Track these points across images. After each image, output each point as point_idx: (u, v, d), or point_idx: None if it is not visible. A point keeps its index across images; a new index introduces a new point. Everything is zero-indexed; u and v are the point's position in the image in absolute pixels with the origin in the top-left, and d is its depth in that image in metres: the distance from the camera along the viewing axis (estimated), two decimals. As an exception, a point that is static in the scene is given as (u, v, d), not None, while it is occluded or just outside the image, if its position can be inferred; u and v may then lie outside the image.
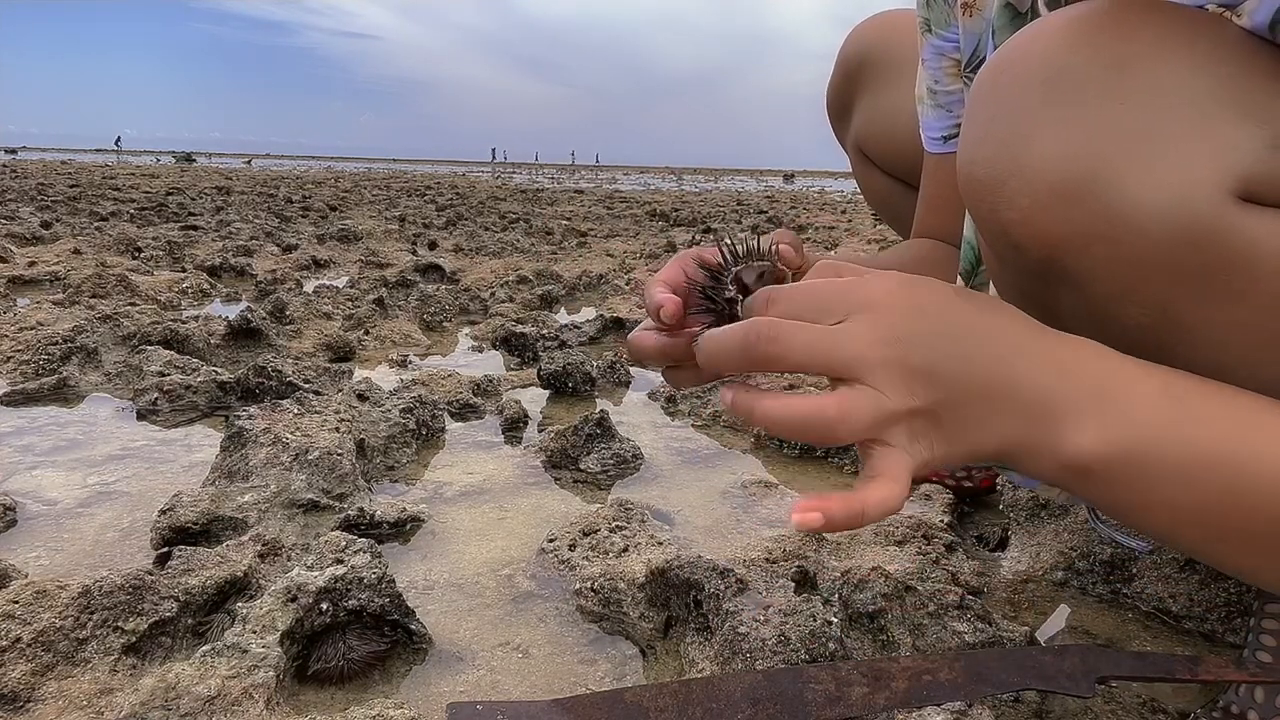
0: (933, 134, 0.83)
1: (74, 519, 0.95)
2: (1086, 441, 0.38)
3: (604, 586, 0.78)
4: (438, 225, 4.69)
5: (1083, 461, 0.38)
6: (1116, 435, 0.38)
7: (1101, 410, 0.39)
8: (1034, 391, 0.39)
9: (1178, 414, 0.39)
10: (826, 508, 0.37)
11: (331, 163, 39.15)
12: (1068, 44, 0.42)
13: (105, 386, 1.46)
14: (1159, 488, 0.38)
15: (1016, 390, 0.39)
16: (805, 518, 0.37)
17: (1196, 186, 0.38)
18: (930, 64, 0.80)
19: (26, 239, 3.24)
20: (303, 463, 0.98)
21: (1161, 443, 0.38)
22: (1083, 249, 0.41)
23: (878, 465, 0.39)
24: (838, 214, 6.82)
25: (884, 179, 1.21)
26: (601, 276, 2.79)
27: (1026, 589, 0.85)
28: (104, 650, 0.65)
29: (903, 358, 0.38)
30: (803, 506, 0.37)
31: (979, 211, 0.46)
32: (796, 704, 0.55)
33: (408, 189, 8.95)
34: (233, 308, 2.17)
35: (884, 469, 0.39)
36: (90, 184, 7.35)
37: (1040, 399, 0.39)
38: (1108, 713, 0.64)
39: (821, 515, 0.37)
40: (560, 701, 0.57)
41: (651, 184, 16.57)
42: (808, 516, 0.37)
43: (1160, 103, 0.40)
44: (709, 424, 1.38)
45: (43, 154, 34.18)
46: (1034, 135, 0.42)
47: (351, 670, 0.68)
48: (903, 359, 0.38)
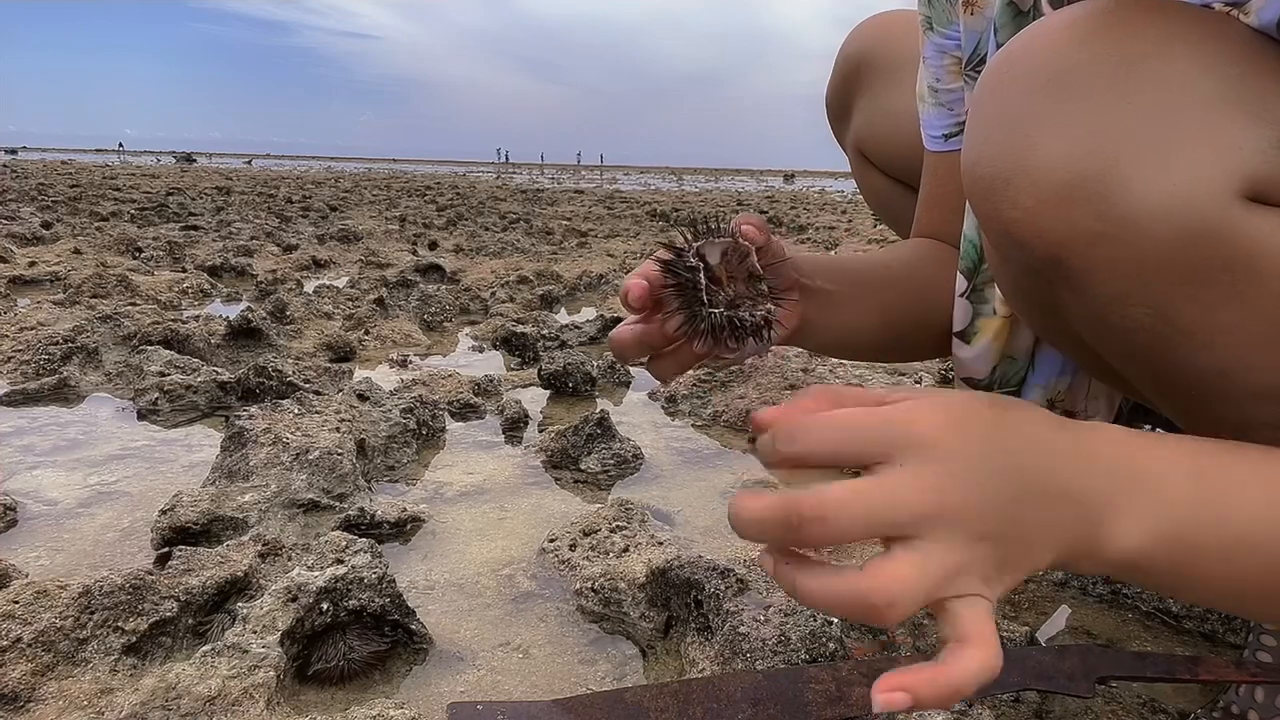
0: (933, 132, 0.83)
1: (74, 519, 0.95)
2: (1126, 539, 0.37)
3: (604, 586, 0.78)
4: (438, 225, 4.70)
5: (1127, 559, 0.37)
6: (1154, 526, 0.37)
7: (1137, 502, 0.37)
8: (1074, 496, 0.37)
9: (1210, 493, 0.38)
10: (915, 687, 0.32)
11: (331, 163, 39.16)
12: (1072, 43, 0.42)
13: (105, 386, 1.46)
14: (1201, 567, 0.38)
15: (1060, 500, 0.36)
16: (890, 698, 0.32)
17: (1202, 187, 0.38)
18: (931, 62, 0.80)
19: (27, 239, 3.24)
20: (303, 463, 0.98)
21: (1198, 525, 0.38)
22: (1087, 249, 0.41)
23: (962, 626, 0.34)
24: (838, 214, 6.82)
25: (883, 179, 1.21)
26: (602, 276, 2.79)
27: (1026, 589, 0.85)
28: (104, 650, 0.65)
29: (964, 504, 0.34)
30: (887, 685, 0.32)
31: (983, 210, 0.46)
32: (797, 704, 0.55)
33: (408, 189, 8.95)
34: (233, 308, 2.17)
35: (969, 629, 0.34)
36: (90, 184, 7.35)
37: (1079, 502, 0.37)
38: (1108, 713, 0.64)
39: (909, 696, 0.32)
40: (560, 701, 0.57)
41: (651, 184, 16.57)
42: (893, 697, 0.32)
43: (1166, 102, 0.39)
44: (709, 424, 1.38)
45: (43, 154, 34.18)
46: (1038, 134, 0.42)
47: (352, 670, 0.68)
48: (964, 506, 0.34)
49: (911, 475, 0.35)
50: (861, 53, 1.17)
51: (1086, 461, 0.38)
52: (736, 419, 1.37)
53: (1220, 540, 0.38)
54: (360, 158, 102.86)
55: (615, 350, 0.50)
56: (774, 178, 29.88)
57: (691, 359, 0.49)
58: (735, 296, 0.47)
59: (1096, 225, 0.40)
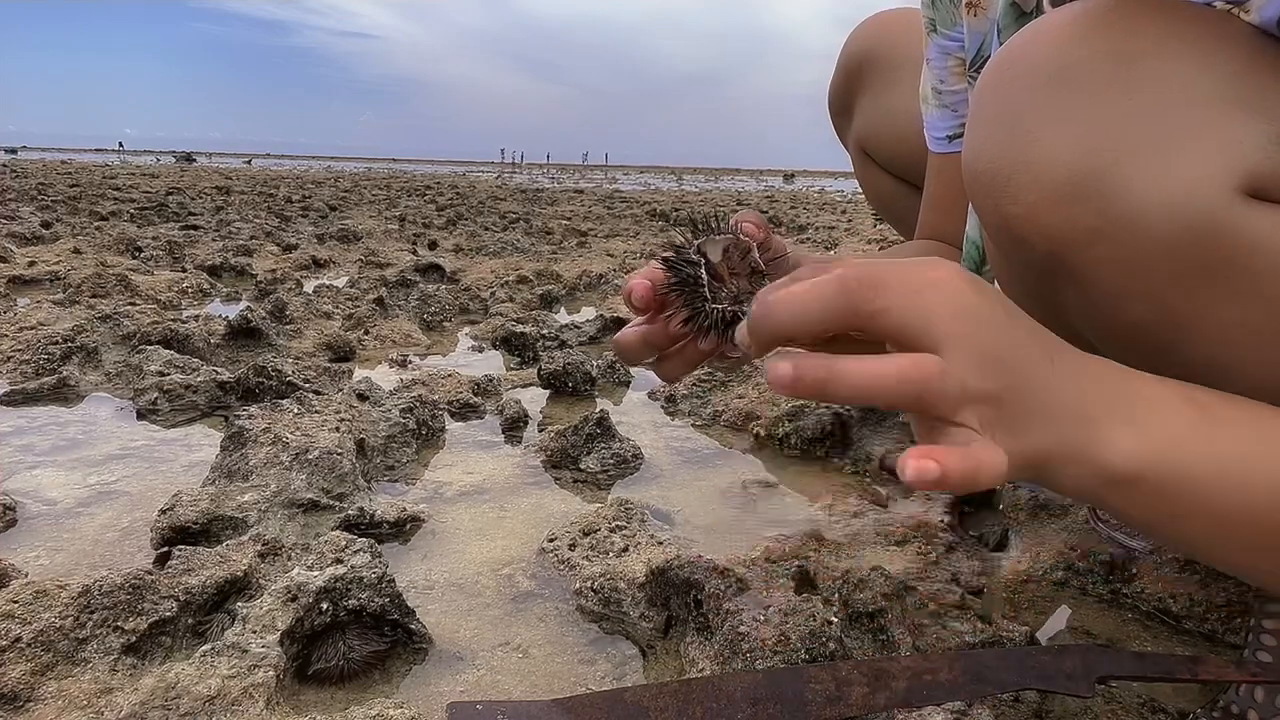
0: (937, 134, 0.83)
1: (74, 519, 0.95)
2: (1126, 448, 0.37)
3: (604, 586, 0.78)
4: (438, 225, 4.69)
5: (1123, 469, 0.37)
6: (1153, 442, 0.37)
7: (1137, 418, 0.38)
8: (1074, 394, 0.37)
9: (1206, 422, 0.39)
10: (943, 459, 0.32)
11: (331, 162, 39.16)
12: (1073, 40, 0.42)
13: (105, 386, 1.46)
14: (1195, 496, 0.38)
15: (1059, 391, 0.37)
16: (923, 465, 0.32)
17: (1202, 183, 0.38)
18: (935, 63, 0.80)
19: (27, 239, 3.24)
20: (303, 462, 0.98)
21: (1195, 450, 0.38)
22: (1087, 245, 0.41)
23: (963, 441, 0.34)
24: (838, 214, 6.82)
25: (886, 178, 1.21)
26: (601, 276, 2.79)
27: (1026, 589, 0.85)
28: (104, 650, 0.65)
29: (977, 336, 0.35)
30: (917, 453, 0.32)
31: (984, 207, 0.46)
32: (797, 704, 0.55)
33: (408, 189, 8.95)
34: (233, 307, 2.17)
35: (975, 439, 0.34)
36: (90, 184, 7.35)
37: (1078, 403, 0.37)
38: (1108, 713, 0.64)
39: (939, 468, 0.32)
40: (560, 701, 0.57)
41: (651, 184, 16.57)
42: (925, 465, 0.32)
43: (1166, 99, 0.40)
44: (709, 424, 1.38)
45: (43, 154, 34.18)
46: (1039, 131, 0.42)
47: (351, 670, 0.68)
48: (977, 337, 0.35)
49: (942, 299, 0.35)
50: (864, 51, 1.18)
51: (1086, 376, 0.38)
52: (736, 419, 1.37)
53: (1210, 470, 0.38)
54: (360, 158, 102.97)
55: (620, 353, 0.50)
56: (774, 178, 29.88)
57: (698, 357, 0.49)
58: (739, 292, 0.47)
59: (1097, 222, 0.40)
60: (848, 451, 1.23)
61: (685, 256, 0.46)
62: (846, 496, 1.07)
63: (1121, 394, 0.38)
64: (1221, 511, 0.38)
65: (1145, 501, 0.38)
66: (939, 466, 0.32)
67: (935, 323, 0.34)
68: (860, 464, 1.19)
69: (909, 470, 0.32)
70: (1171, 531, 0.40)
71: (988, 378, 0.35)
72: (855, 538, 0.90)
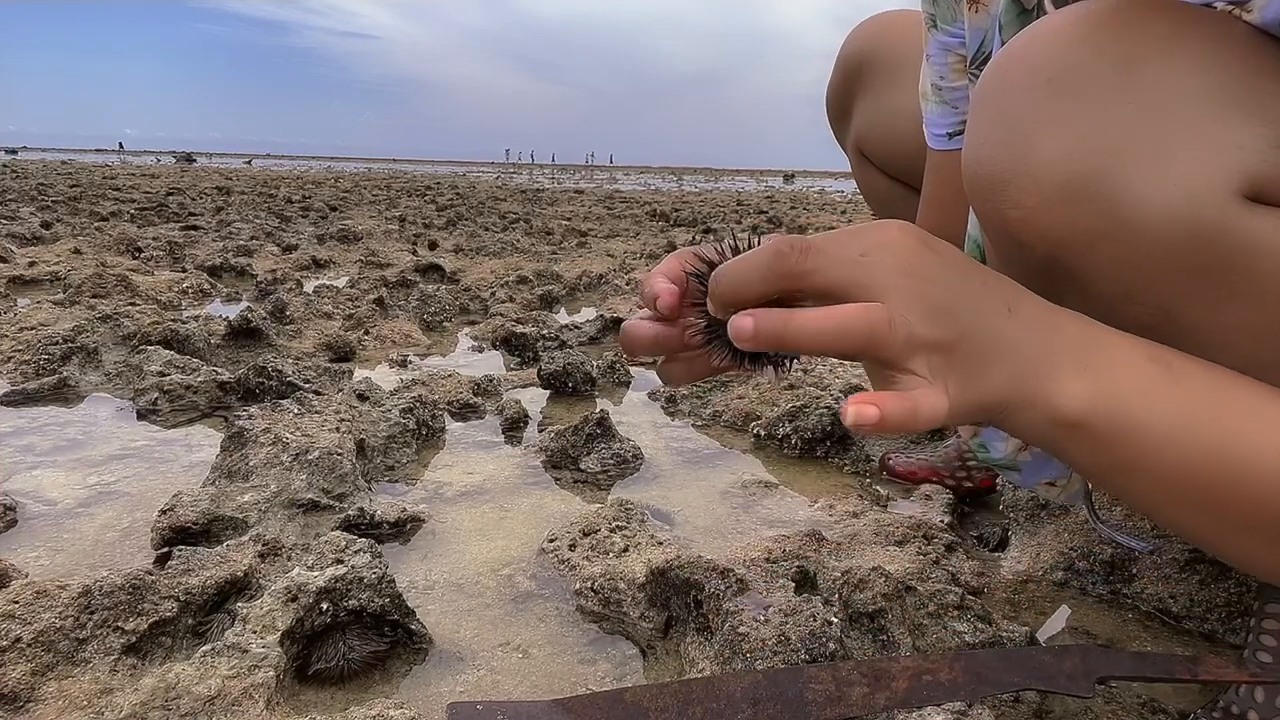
0: (937, 131, 0.83)
1: (74, 519, 0.95)
2: (1076, 395, 0.38)
3: (604, 586, 0.78)
4: (438, 225, 4.69)
5: (1072, 415, 0.38)
6: (1105, 390, 0.38)
7: (1091, 365, 0.39)
8: (1030, 342, 0.38)
9: (1165, 377, 0.39)
10: (882, 402, 0.35)
11: (331, 163, 39.16)
12: (1074, 41, 0.42)
13: (105, 386, 1.46)
14: (1144, 448, 0.39)
15: (1015, 340, 0.38)
16: (862, 410, 0.34)
17: (1203, 186, 0.38)
18: (935, 60, 0.80)
19: (27, 239, 3.24)
20: (303, 463, 0.98)
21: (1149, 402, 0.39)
22: (1087, 248, 0.41)
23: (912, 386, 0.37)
24: (838, 214, 6.82)
25: (884, 180, 1.21)
26: (601, 276, 2.79)
27: (1026, 589, 0.85)
28: (104, 650, 0.65)
29: (925, 289, 0.37)
30: (857, 399, 0.35)
31: (984, 209, 0.46)
32: (797, 704, 0.55)
33: (408, 189, 8.95)
34: (233, 308, 2.17)
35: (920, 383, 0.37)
36: (90, 184, 7.35)
37: (1035, 350, 0.38)
38: (1108, 713, 0.64)
39: (878, 411, 0.35)
40: (560, 701, 0.57)
41: (651, 184, 16.57)
42: (865, 409, 0.34)
43: (1167, 102, 0.40)
44: (709, 424, 1.38)
45: (43, 154, 34.18)
46: (1039, 133, 0.42)
47: (351, 670, 0.68)
48: (925, 290, 0.37)
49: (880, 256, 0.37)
50: (862, 53, 1.18)
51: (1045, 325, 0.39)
52: (736, 419, 1.37)
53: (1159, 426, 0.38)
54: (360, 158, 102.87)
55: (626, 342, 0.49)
56: (774, 178, 29.88)
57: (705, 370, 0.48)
58: None
59: (1098, 224, 0.40)
60: (848, 451, 1.23)
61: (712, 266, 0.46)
62: (846, 496, 1.07)
63: (1080, 343, 0.39)
64: (1168, 467, 0.39)
65: (1093, 449, 0.39)
66: (877, 410, 0.35)
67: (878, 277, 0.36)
68: (860, 464, 1.19)
69: (849, 414, 0.35)
70: (1119, 482, 0.41)
71: (936, 327, 0.36)
72: (855, 538, 0.90)
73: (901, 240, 0.38)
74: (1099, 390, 0.38)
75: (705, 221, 5.45)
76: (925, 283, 0.37)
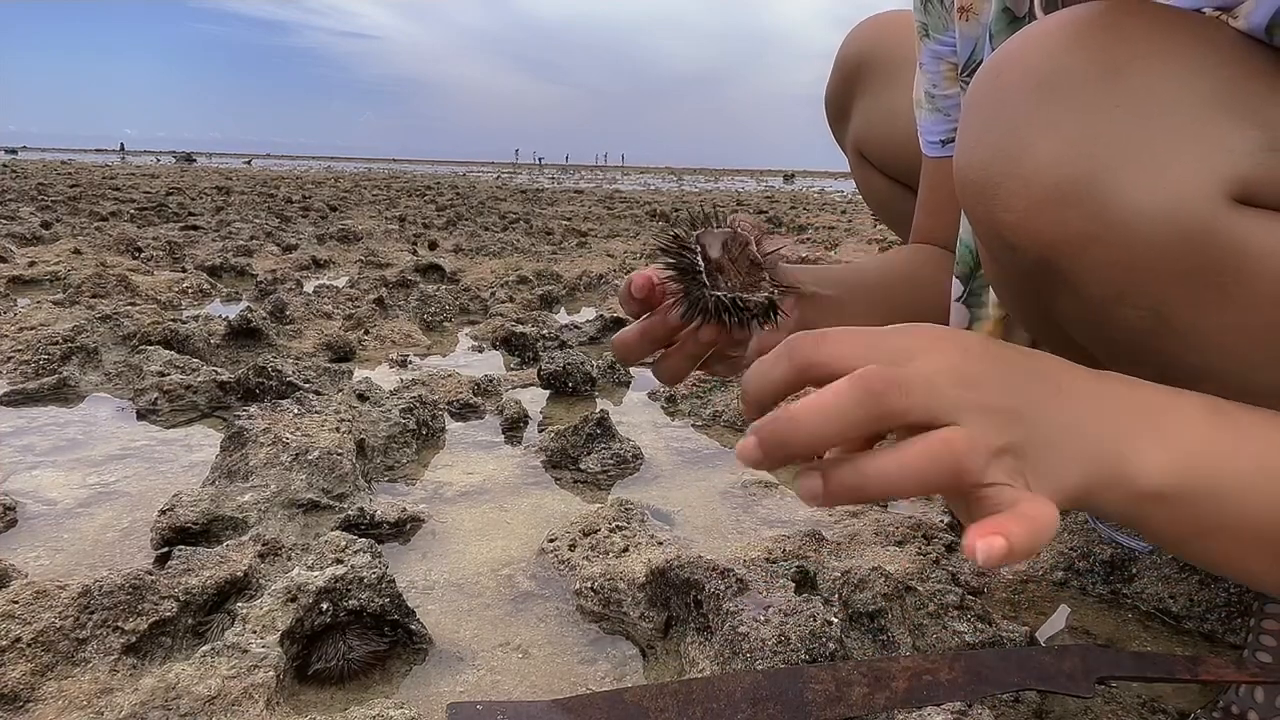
0: (931, 138, 0.83)
1: (74, 519, 0.95)
2: (1155, 464, 0.37)
3: (604, 586, 0.78)
4: (438, 225, 4.69)
5: (1155, 486, 0.37)
6: (1181, 454, 0.37)
7: (1159, 433, 0.37)
8: (1090, 420, 0.37)
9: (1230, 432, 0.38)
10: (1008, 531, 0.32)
11: (331, 163, 39.16)
12: (1063, 47, 0.42)
13: (105, 386, 1.46)
14: (1226, 507, 0.37)
15: (1079, 420, 0.36)
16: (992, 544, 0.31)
17: (1192, 189, 0.38)
18: (928, 68, 0.80)
19: (27, 239, 3.24)
20: (303, 463, 0.98)
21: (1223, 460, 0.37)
22: (1078, 251, 0.41)
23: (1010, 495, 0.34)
24: (838, 214, 6.82)
25: (883, 180, 1.21)
26: (601, 276, 2.79)
27: (1026, 589, 0.85)
28: (104, 650, 0.65)
29: (984, 398, 0.35)
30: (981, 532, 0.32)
31: (975, 214, 0.46)
32: (797, 704, 0.55)
33: (408, 189, 8.95)
34: (233, 308, 2.17)
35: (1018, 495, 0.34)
36: (90, 184, 7.35)
37: (1099, 426, 0.37)
38: (1108, 713, 0.64)
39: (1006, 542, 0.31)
40: (560, 701, 0.57)
41: (651, 184, 16.57)
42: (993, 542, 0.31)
43: (1156, 106, 0.40)
44: (709, 424, 1.38)
45: (43, 154, 34.18)
46: (1029, 138, 0.42)
47: (351, 670, 0.68)
48: (985, 399, 0.35)
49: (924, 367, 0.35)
50: (860, 53, 1.18)
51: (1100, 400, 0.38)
52: (736, 419, 1.37)
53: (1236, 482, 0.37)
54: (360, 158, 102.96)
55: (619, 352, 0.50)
56: (774, 178, 29.88)
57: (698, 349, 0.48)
58: (739, 284, 0.47)
59: (1088, 227, 0.41)
60: (848, 452, 1.23)
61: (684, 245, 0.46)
62: (846, 497, 1.07)
63: (1141, 409, 0.38)
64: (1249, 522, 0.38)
65: (1177, 517, 0.38)
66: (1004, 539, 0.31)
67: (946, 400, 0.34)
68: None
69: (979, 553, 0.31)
70: (1201, 545, 0.40)
71: (1004, 431, 0.35)
72: (855, 538, 0.90)
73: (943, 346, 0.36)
74: (1175, 457, 0.37)
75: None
76: (982, 390, 0.35)
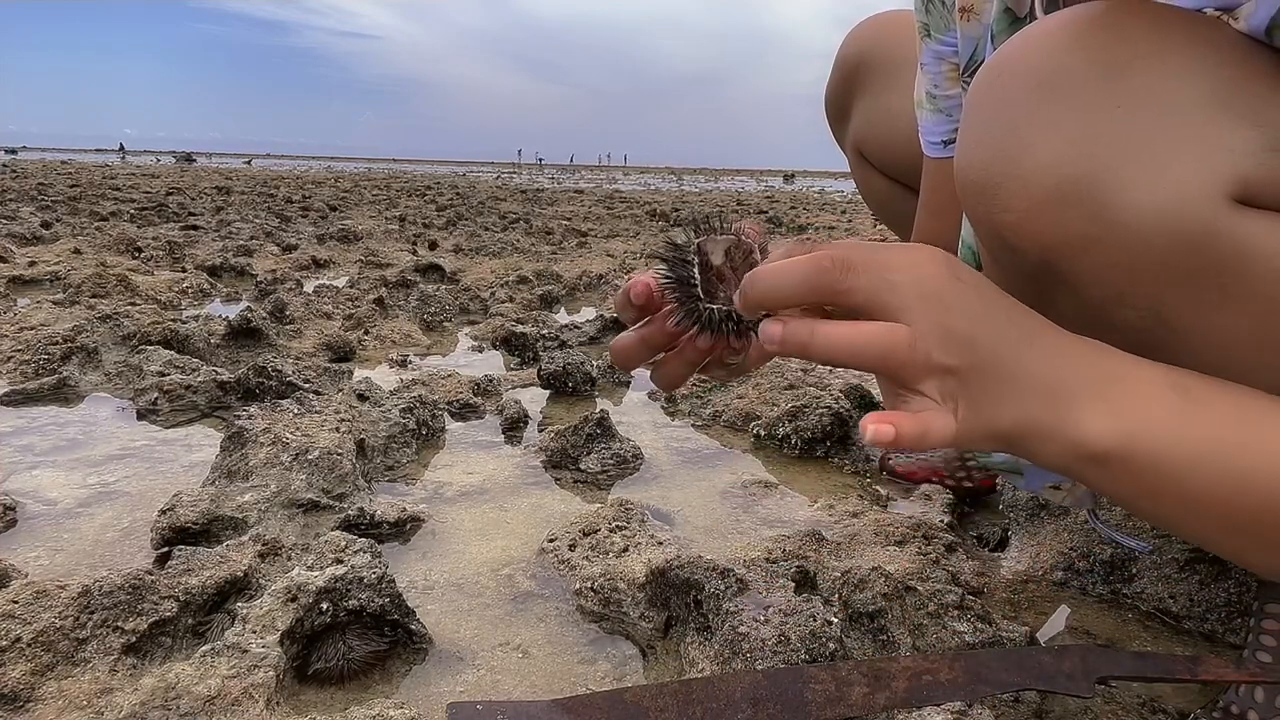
0: (932, 138, 0.83)
1: (74, 519, 0.95)
2: (1098, 427, 0.38)
3: (604, 586, 0.78)
4: (438, 225, 4.70)
5: (1095, 447, 0.39)
6: (1128, 422, 0.38)
7: (1113, 397, 0.39)
8: (1049, 375, 0.39)
9: (1187, 405, 0.39)
10: (897, 421, 0.37)
11: (331, 163, 39.17)
12: (1064, 47, 0.42)
13: (105, 386, 1.46)
14: (1169, 476, 0.39)
15: (1032, 372, 0.39)
16: (880, 429, 0.37)
17: (1193, 190, 0.38)
18: (929, 68, 0.80)
19: (27, 239, 3.24)
20: (303, 463, 0.98)
21: (1172, 431, 0.39)
22: (1079, 252, 0.41)
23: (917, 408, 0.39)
24: (838, 214, 6.82)
25: (883, 181, 1.21)
26: (601, 276, 2.79)
27: (1026, 589, 0.85)
28: (104, 650, 0.65)
29: (946, 316, 0.38)
30: (875, 418, 0.37)
31: (975, 214, 0.46)
32: (797, 704, 0.55)
33: (408, 189, 8.95)
34: (233, 308, 2.17)
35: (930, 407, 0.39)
36: (90, 184, 7.35)
37: (1054, 383, 0.39)
38: (1108, 713, 0.64)
39: (894, 429, 0.37)
40: (560, 701, 0.57)
41: (651, 184, 16.57)
42: (881, 428, 0.37)
43: (1157, 106, 0.40)
44: (709, 424, 1.38)
45: (43, 154, 34.18)
46: (1030, 138, 0.42)
47: (351, 670, 0.68)
48: (945, 317, 0.38)
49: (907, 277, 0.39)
50: (860, 53, 1.18)
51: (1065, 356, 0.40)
52: (736, 419, 1.37)
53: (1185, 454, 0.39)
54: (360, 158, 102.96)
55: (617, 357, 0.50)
56: (774, 178, 29.88)
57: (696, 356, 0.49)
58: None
59: (1088, 228, 0.41)
60: (848, 451, 1.23)
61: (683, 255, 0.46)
62: (846, 496, 1.07)
63: (1101, 374, 0.40)
64: (1195, 492, 0.39)
65: (1118, 479, 0.40)
66: (893, 429, 0.37)
67: (905, 300, 0.38)
68: (860, 464, 1.19)
69: (868, 432, 0.37)
70: (1145, 507, 0.41)
71: (951, 353, 0.38)
72: (855, 538, 0.90)
73: (930, 267, 0.39)
74: (1121, 422, 0.38)
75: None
76: (947, 310, 0.38)
